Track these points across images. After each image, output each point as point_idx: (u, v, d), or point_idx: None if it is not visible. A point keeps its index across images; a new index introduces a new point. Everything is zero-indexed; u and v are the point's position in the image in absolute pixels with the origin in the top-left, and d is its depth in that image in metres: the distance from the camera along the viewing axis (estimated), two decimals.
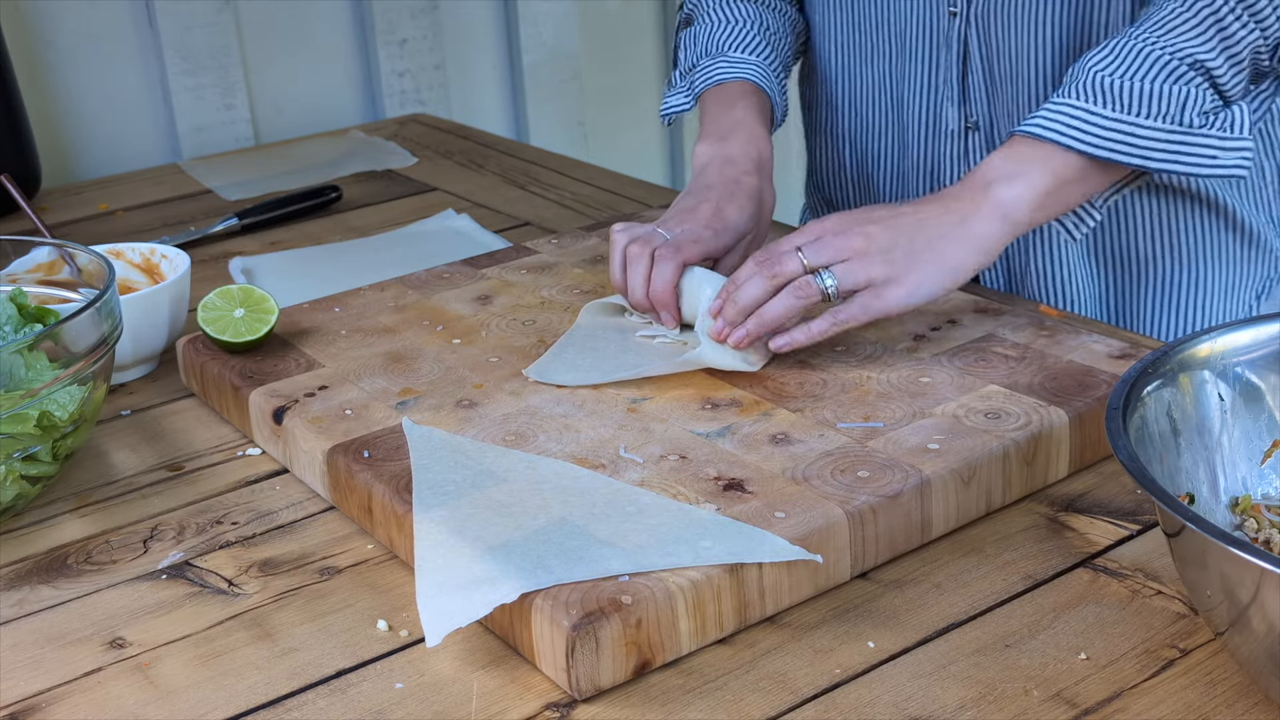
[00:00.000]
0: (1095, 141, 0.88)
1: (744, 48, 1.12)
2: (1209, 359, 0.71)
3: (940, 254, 0.87)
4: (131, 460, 0.93)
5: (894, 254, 0.87)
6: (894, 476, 0.76)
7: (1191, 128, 0.88)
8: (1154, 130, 0.88)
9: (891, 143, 1.15)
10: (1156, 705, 0.63)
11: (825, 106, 1.20)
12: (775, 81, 1.12)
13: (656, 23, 2.26)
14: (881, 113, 1.15)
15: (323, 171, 1.64)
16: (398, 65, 1.94)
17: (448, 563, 0.70)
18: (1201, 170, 0.89)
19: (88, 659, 0.72)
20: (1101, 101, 0.88)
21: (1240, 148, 0.89)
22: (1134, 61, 0.89)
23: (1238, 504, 0.70)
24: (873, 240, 0.87)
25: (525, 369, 0.93)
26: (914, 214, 0.89)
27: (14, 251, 1.00)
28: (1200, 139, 0.89)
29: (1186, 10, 0.89)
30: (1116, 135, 0.88)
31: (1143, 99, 0.88)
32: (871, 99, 1.15)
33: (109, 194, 1.62)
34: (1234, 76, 0.89)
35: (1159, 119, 0.88)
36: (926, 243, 0.87)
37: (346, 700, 0.67)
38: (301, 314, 1.06)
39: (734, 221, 1.00)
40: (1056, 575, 0.74)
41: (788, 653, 0.69)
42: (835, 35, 1.16)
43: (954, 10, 1.05)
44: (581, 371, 0.92)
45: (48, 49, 1.69)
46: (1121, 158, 0.88)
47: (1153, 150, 0.88)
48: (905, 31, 1.10)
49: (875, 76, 1.14)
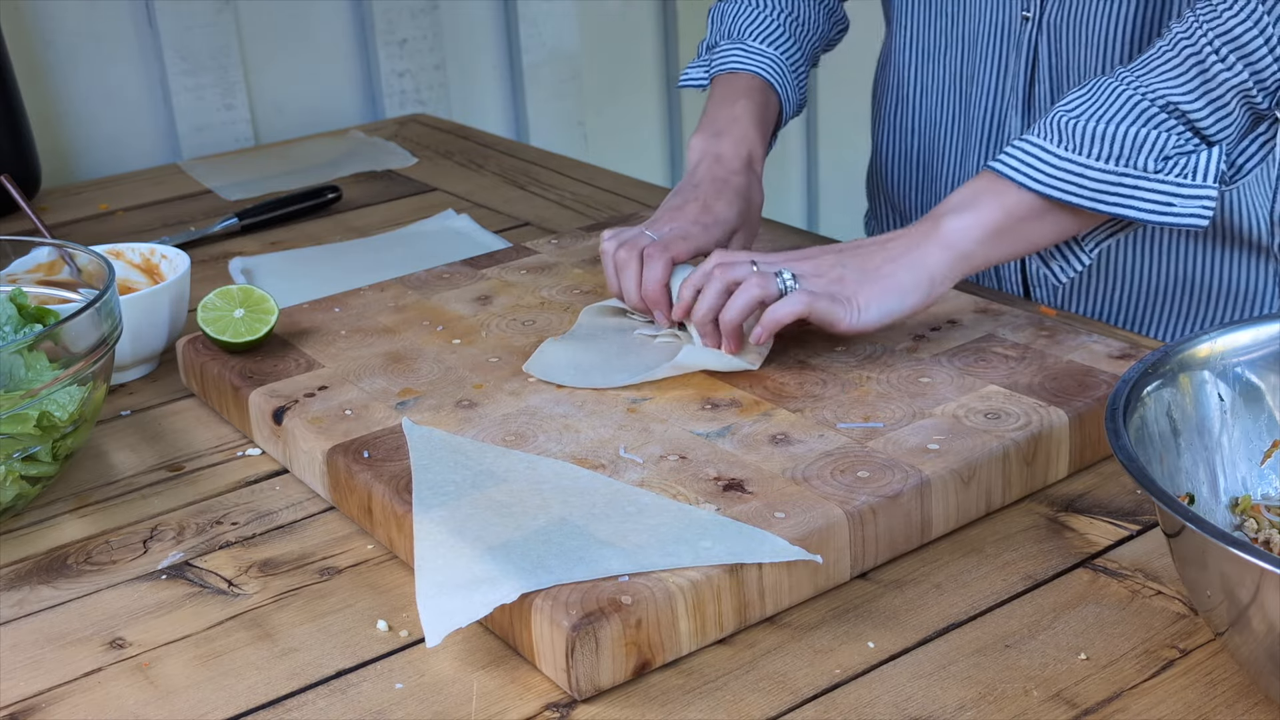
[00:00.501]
0: (1045, 180, 0.88)
1: (764, 37, 1.13)
2: (1209, 359, 0.71)
3: (887, 277, 0.89)
4: (131, 460, 0.93)
5: (845, 279, 0.89)
6: (894, 476, 0.76)
7: (1145, 172, 0.86)
8: (1105, 172, 0.87)
9: (956, 143, 1.15)
10: (1156, 705, 0.63)
11: (895, 98, 1.20)
12: (790, 76, 1.12)
13: (656, 23, 2.26)
14: (949, 111, 1.14)
15: (323, 171, 1.64)
16: (398, 65, 1.94)
17: (448, 563, 0.70)
18: (1155, 217, 0.87)
19: (88, 659, 0.72)
20: (1057, 140, 0.88)
21: (1200, 196, 0.87)
22: (1103, 103, 0.87)
23: (1238, 504, 0.70)
24: (823, 265, 0.90)
25: (525, 365, 0.93)
26: (868, 245, 0.91)
27: (14, 251, 1.00)
28: (1153, 184, 0.87)
29: (1171, 50, 0.87)
30: (1066, 175, 0.87)
31: (1097, 140, 0.87)
32: (941, 96, 1.15)
33: (109, 194, 1.62)
34: (1215, 118, 0.86)
35: (1111, 161, 0.87)
36: (876, 268, 0.89)
37: (346, 700, 0.67)
38: (301, 314, 1.06)
39: (722, 216, 1.01)
40: (1056, 575, 0.74)
41: (788, 653, 0.69)
42: (912, 27, 1.15)
43: (1027, 15, 1.04)
44: (582, 373, 0.92)
45: (48, 49, 1.69)
46: (1071, 198, 0.88)
47: (1103, 193, 0.87)
48: (979, 30, 1.09)
49: (947, 74, 1.13)
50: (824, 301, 0.88)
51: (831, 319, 0.88)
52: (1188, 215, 0.87)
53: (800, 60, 1.14)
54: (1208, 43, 0.85)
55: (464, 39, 2.03)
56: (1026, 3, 1.04)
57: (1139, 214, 0.87)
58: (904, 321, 0.97)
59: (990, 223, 0.89)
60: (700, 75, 1.16)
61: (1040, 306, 1.09)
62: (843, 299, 0.88)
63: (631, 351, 0.95)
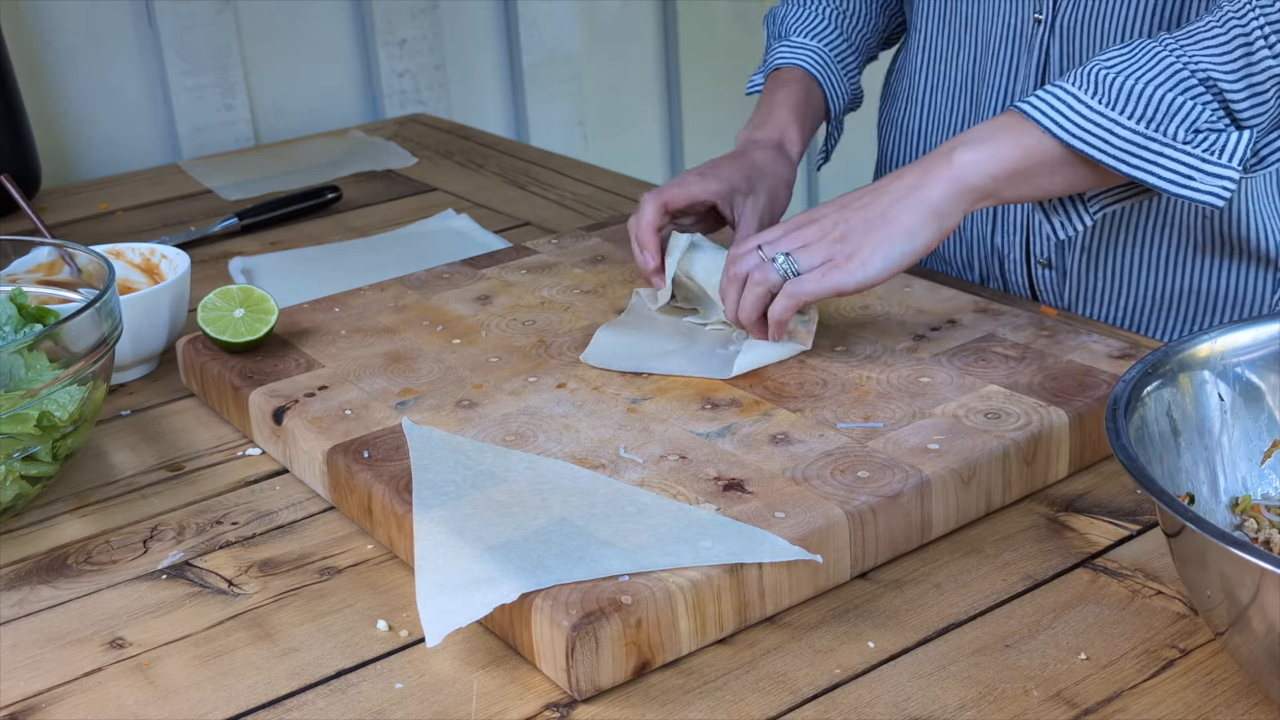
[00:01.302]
0: (1072, 129, 0.86)
1: (808, 31, 1.15)
2: (1209, 359, 0.71)
3: (892, 222, 0.87)
4: (131, 460, 0.93)
5: (849, 234, 0.88)
6: (894, 476, 0.76)
7: (1174, 140, 0.85)
8: (1133, 132, 0.85)
9: None
10: (1156, 705, 0.63)
11: (906, 100, 1.20)
12: (835, 66, 1.14)
13: (656, 23, 2.26)
14: (959, 112, 1.14)
15: (323, 171, 1.64)
16: (398, 65, 1.94)
17: (448, 563, 0.70)
18: (1173, 188, 0.85)
19: (88, 659, 0.72)
20: (1091, 91, 0.86)
21: (1222, 175, 0.85)
22: (1144, 63, 0.86)
23: (1238, 504, 0.70)
24: (826, 225, 0.89)
25: (581, 356, 0.95)
26: (875, 188, 0.89)
27: (14, 251, 1.00)
28: (1179, 154, 0.85)
29: (1219, 25, 0.85)
30: (1094, 128, 0.85)
31: (1132, 98, 0.85)
32: (952, 96, 1.15)
33: (109, 194, 1.62)
34: (1251, 103, 0.85)
35: (1141, 122, 0.85)
36: (880, 214, 0.87)
37: (346, 700, 0.67)
38: (301, 314, 1.06)
39: (724, 172, 1.05)
40: (1056, 575, 0.74)
41: (788, 653, 0.69)
42: (927, 29, 1.16)
43: (1039, 17, 1.04)
44: (644, 361, 0.93)
45: (48, 49, 1.69)
46: (1095, 152, 0.85)
47: (1127, 153, 0.85)
48: (991, 32, 1.09)
49: (959, 74, 1.13)
50: (813, 281, 0.87)
51: (831, 289, 0.87)
52: (1206, 192, 0.85)
53: (848, 52, 1.16)
54: (1258, 27, 0.84)
55: (464, 39, 2.03)
56: (1039, 5, 1.04)
57: (1159, 181, 0.86)
58: (904, 321, 0.97)
59: (1005, 160, 0.87)
60: (759, 79, 1.19)
61: (1041, 306, 1.09)
62: (843, 260, 0.87)
63: (687, 340, 0.96)
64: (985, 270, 1.16)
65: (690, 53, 2.27)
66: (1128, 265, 1.07)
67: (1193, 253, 1.04)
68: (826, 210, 0.91)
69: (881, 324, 0.97)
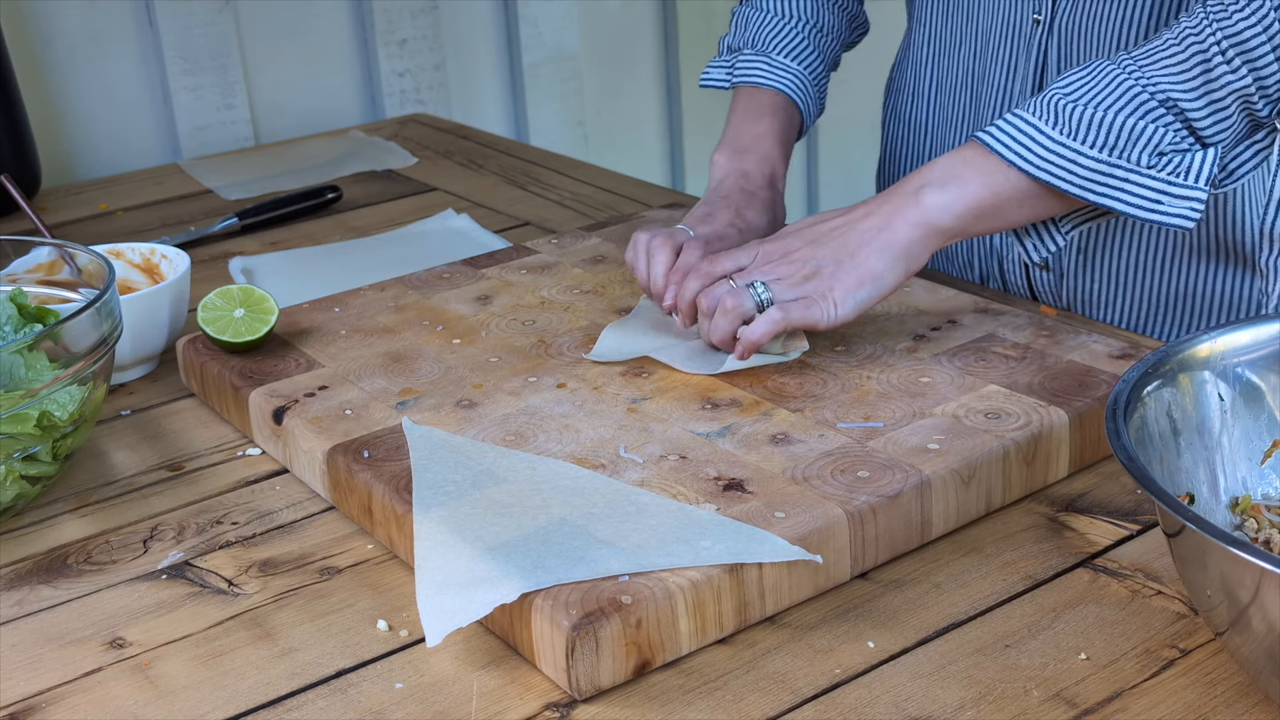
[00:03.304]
0: (1036, 161, 0.86)
1: (789, 51, 1.13)
2: (1209, 359, 0.71)
3: (860, 265, 0.88)
4: (131, 460, 0.93)
5: (819, 272, 0.89)
6: (894, 476, 0.76)
7: (1139, 165, 0.85)
8: (1097, 161, 0.85)
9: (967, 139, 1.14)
10: (1156, 705, 0.63)
11: (911, 94, 1.19)
12: (813, 90, 1.14)
13: (656, 23, 2.26)
14: (960, 109, 1.14)
15: (323, 171, 1.64)
16: (398, 65, 1.94)
17: (448, 563, 0.70)
18: (1142, 213, 0.86)
19: (88, 659, 0.72)
20: (1052, 122, 0.86)
21: (1189, 196, 0.85)
22: (1102, 89, 0.86)
23: (1238, 504, 0.70)
24: (797, 262, 0.90)
25: (587, 354, 0.95)
26: (845, 224, 0.90)
27: (14, 251, 1.00)
28: (1145, 178, 0.85)
29: (1177, 44, 0.85)
30: (1058, 159, 0.86)
31: (1094, 127, 0.85)
32: (954, 93, 1.14)
33: (109, 194, 1.62)
34: (1214, 120, 0.85)
35: (1105, 150, 0.85)
36: (849, 255, 0.89)
37: (346, 700, 0.67)
38: (301, 314, 1.06)
39: (754, 223, 1.04)
40: (1056, 575, 0.74)
41: (788, 653, 0.69)
42: (930, 23, 1.15)
43: (1038, 18, 1.03)
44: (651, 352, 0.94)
45: (48, 49, 1.69)
46: (1060, 183, 0.86)
47: (1093, 181, 0.86)
48: (991, 29, 1.08)
49: (960, 71, 1.13)
50: (798, 311, 0.88)
51: (808, 324, 0.89)
52: (1174, 214, 0.86)
53: (822, 70, 1.16)
54: (1215, 43, 0.84)
55: (464, 39, 2.03)
56: (1038, 5, 1.04)
57: (1126, 207, 0.86)
58: (904, 321, 0.97)
59: (973, 199, 0.88)
60: (722, 77, 1.17)
61: (1041, 306, 1.09)
62: (817, 299, 0.88)
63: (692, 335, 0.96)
64: (985, 270, 1.16)
65: (690, 53, 2.27)
66: (1123, 268, 1.07)
67: (1188, 256, 1.04)
68: (795, 244, 0.91)
69: (881, 324, 0.97)
